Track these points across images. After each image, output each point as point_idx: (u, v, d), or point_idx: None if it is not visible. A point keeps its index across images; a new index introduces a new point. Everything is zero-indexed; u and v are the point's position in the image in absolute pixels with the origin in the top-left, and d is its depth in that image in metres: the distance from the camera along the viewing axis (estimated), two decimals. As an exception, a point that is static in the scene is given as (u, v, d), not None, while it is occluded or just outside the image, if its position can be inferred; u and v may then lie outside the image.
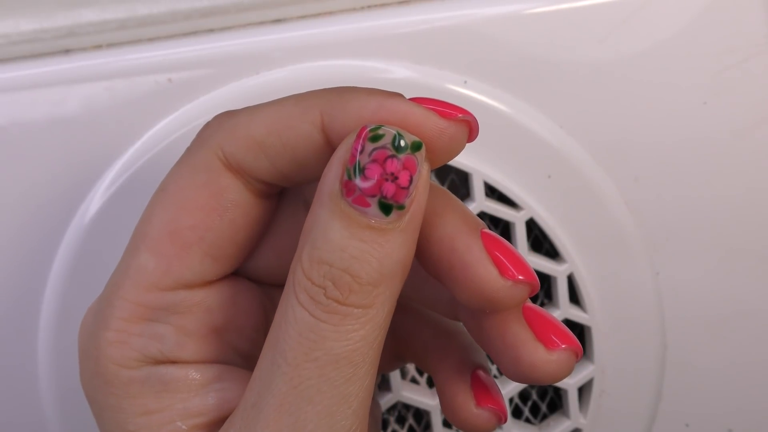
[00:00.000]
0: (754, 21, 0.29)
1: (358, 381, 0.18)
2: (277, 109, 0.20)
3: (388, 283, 0.18)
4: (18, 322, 0.28)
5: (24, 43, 0.27)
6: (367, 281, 0.18)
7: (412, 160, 0.18)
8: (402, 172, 0.18)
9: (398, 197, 0.18)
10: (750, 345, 0.31)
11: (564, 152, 0.29)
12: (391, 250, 0.18)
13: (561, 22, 0.28)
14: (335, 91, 0.19)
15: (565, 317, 0.29)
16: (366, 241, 0.18)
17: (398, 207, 0.18)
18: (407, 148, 0.18)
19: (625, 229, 0.29)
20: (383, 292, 0.18)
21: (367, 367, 0.18)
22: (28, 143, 0.27)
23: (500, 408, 0.21)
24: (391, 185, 0.18)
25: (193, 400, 0.20)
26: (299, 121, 0.19)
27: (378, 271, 0.18)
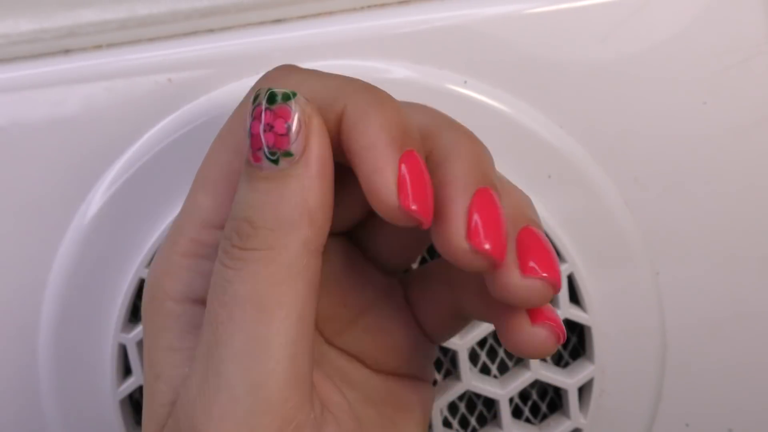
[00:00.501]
0: (754, 21, 0.29)
1: (268, 322, 0.19)
2: (324, 85, 0.21)
3: (288, 227, 0.19)
4: (18, 322, 0.28)
5: (24, 44, 0.27)
6: (263, 225, 0.19)
7: (284, 109, 0.19)
8: (277, 121, 0.19)
9: (279, 144, 0.19)
10: (750, 345, 0.31)
11: (564, 152, 0.29)
12: (286, 195, 0.19)
13: (561, 22, 0.28)
14: (366, 98, 0.20)
15: (565, 317, 0.29)
16: (261, 191, 0.20)
17: (284, 154, 0.19)
18: (276, 99, 0.19)
19: (625, 229, 0.29)
20: (284, 235, 0.19)
21: (279, 308, 0.19)
22: (28, 143, 0.27)
23: (557, 323, 0.21)
24: (270, 134, 0.19)
25: None
26: (328, 107, 0.20)
27: (273, 215, 0.19)
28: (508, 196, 0.21)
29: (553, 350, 0.21)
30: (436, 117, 0.22)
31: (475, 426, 0.31)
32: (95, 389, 0.28)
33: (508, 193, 0.21)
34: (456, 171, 0.20)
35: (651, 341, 0.30)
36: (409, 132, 0.20)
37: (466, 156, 0.20)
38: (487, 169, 0.20)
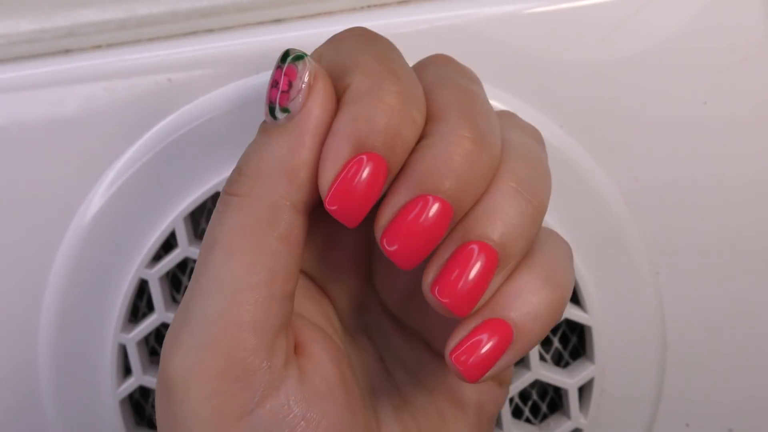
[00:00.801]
0: (754, 20, 0.29)
1: (231, 267, 0.20)
2: (341, 56, 0.21)
3: (265, 177, 0.20)
4: (18, 322, 0.28)
5: (23, 44, 0.27)
6: (246, 173, 0.20)
7: (291, 68, 0.20)
8: (283, 79, 0.20)
9: (281, 101, 0.20)
10: (750, 345, 0.31)
11: (564, 152, 0.29)
12: (271, 147, 0.20)
13: (561, 21, 0.28)
14: (367, 82, 0.20)
15: (566, 317, 0.29)
16: (256, 143, 0.21)
17: (282, 110, 0.20)
18: (287, 58, 0.20)
19: (625, 229, 0.29)
20: (260, 185, 0.20)
21: (241, 254, 0.20)
22: (28, 143, 0.27)
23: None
24: (274, 91, 0.20)
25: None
26: (338, 81, 0.21)
27: (256, 164, 0.20)
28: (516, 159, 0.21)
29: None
30: (438, 72, 0.22)
31: (475, 426, 0.31)
32: (95, 389, 0.28)
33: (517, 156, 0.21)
34: (418, 164, 0.20)
35: (651, 341, 0.30)
36: (383, 132, 0.19)
37: (437, 154, 0.20)
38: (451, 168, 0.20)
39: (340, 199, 0.19)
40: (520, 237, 0.20)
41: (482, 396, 0.25)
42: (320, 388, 0.21)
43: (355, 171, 0.19)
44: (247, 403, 0.20)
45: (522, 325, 0.20)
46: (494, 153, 0.20)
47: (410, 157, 0.20)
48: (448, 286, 0.20)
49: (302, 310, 0.23)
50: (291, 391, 0.20)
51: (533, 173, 0.21)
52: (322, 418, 0.21)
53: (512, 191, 0.20)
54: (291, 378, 0.21)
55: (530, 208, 0.20)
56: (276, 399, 0.20)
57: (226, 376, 0.20)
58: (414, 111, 0.20)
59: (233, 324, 0.20)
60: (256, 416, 0.20)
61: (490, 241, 0.20)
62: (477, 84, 0.22)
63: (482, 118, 0.20)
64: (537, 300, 0.20)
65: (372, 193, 0.19)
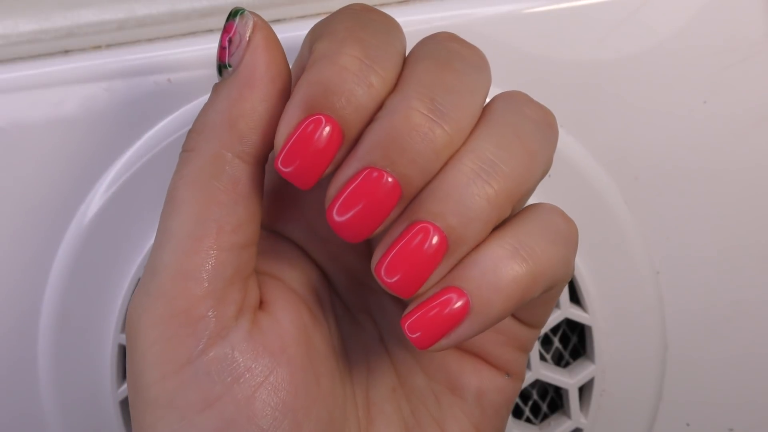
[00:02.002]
0: (753, 20, 0.29)
1: (175, 217, 0.20)
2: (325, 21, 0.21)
3: (208, 131, 0.20)
4: (18, 323, 0.28)
5: (23, 44, 0.27)
6: (194, 129, 0.21)
7: (230, 24, 0.20)
8: (224, 35, 0.20)
9: (220, 56, 0.21)
10: (750, 344, 0.31)
11: (564, 152, 0.29)
12: (214, 102, 0.21)
13: (560, 21, 0.28)
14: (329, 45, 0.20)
15: (566, 317, 0.29)
16: (206, 101, 0.21)
17: (224, 66, 0.21)
18: (228, 17, 0.21)
19: (625, 229, 0.29)
20: (205, 139, 0.20)
21: (183, 204, 0.20)
22: (28, 144, 0.27)
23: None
24: (219, 50, 0.21)
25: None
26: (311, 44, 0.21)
27: (201, 119, 0.21)
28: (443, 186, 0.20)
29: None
30: (429, 46, 0.21)
31: (476, 426, 0.31)
32: (95, 390, 0.28)
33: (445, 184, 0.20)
34: (366, 135, 0.19)
35: (651, 341, 0.30)
36: (335, 93, 0.19)
37: (386, 119, 0.19)
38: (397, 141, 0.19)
39: (291, 160, 0.19)
40: (475, 220, 0.19)
41: (483, 384, 0.24)
42: (273, 344, 0.21)
43: (305, 132, 0.19)
44: (191, 350, 0.20)
45: (479, 296, 0.19)
46: (453, 129, 0.19)
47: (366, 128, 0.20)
48: (394, 266, 0.20)
49: (280, 273, 0.23)
50: (237, 342, 0.20)
51: (503, 153, 0.20)
52: (270, 373, 0.21)
53: (468, 171, 0.19)
54: (240, 329, 0.21)
55: (489, 190, 0.19)
56: (221, 347, 0.20)
57: (171, 323, 0.20)
58: (372, 76, 0.19)
59: (180, 273, 0.20)
60: (199, 362, 0.20)
61: (439, 222, 0.19)
62: (468, 62, 0.21)
63: (447, 91, 0.20)
64: (500, 271, 0.19)
65: (324, 154, 0.19)
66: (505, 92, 0.22)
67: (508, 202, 0.20)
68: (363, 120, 0.19)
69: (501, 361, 0.24)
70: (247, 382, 0.20)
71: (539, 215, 0.21)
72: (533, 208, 0.21)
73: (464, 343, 0.24)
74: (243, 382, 0.20)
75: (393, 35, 0.21)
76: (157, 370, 0.20)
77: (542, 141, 0.21)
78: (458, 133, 0.19)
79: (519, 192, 0.20)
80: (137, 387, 0.20)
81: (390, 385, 0.24)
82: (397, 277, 0.20)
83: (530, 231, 0.20)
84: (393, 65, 0.20)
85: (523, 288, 0.20)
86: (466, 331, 0.20)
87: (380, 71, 0.19)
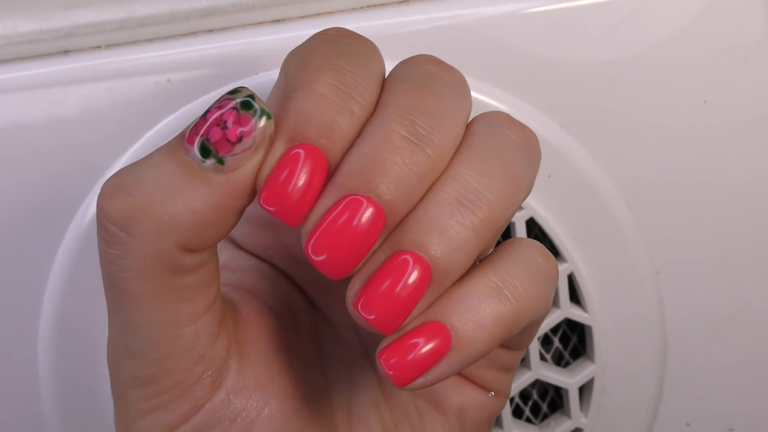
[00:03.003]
0: (753, 19, 0.29)
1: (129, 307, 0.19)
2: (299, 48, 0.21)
3: (168, 226, 0.18)
4: (18, 323, 0.28)
5: (23, 44, 0.27)
6: (145, 209, 0.18)
7: (247, 119, 0.18)
8: (233, 125, 0.18)
9: (220, 147, 0.18)
10: (751, 344, 0.31)
11: (564, 152, 0.29)
12: (186, 193, 0.18)
13: (560, 21, 0.28)
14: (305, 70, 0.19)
15: (566, 316, 0.29)
16: (165, 170, 0.18)
17: (217, 159, 0.18)
18: (251, 109, 0.18)
19: (625, 229, 0.29)
20: (154, 232, 0.18)
21: (136, 297, 0.19)
22: (28, 144, 0.27)
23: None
24: (218, 131, 0.18)
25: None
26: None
27: (160, 204, 0.18)
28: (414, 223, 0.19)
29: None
30: (407, 69, 0.20)
31: (476, 426, 0.31)
32: (95, 390, 0.28)
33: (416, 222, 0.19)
34: (344, 162, 0.18)
35: (651, 340, 0.30)
36: (315, 121, 0.18)
37: (365, 144, 0.18)
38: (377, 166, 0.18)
39: (274, 198, 0.18)
40: (460, 250, 0.18)
41: (465, 401, 0.23)
42: (262, 376, 0.21)
43: (290, 166, 0.18)
44: (187, 412, 0.20)
45: (463, 332, 0.18)
46: (435, 153, 0.18)
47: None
48: (374, 302, 0.18)
49: (257, 292, 0.23)
50: (231, 385, 0.20)
51: (486, 181, 0.19)
52: (264, 406, 0.20)
53: (452, 199, 0.18)
54: (230, 371, 0.20)
55: (474, 219, 0.18)
56: (217, 397, 0.20)
57: (166, 396, 0.20)
58: (352, 103, 0.18)
59: (163, 356, 0.19)
60: (195, 419, 0.20)
61: (423, 253, 0.18)
62: (447, 84, 0.20)
63: (427, 114, 0.19)
64: (484, 308, 0.19)
65: (310, 188, 0.18)
66: (486, 113, 0.21)
67: (492, 231, 0.19)
68: (345, 149, 0.18)
69: (484, 380, 0.24)
70: (243, 420, 0.20)
71: (521, 252, 0.20)
72: (514, 244, 0.20)
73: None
74: (240, 421, 0.20)
75: (370, 59, 0.20)
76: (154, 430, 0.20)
77: (525, 165, 0.20)
78: (440, 157, 0.19)
79: (503, 219, 0.19)
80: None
81: (374, 399, 0.23)
82: (376, 314, 0.18)
83: (513, 269, 0.19)
84: (371, 91, 0.19)
85: (507, 326, 0.19)
86: (445, 369, 0.19)
87: (361, 98, 0.19)
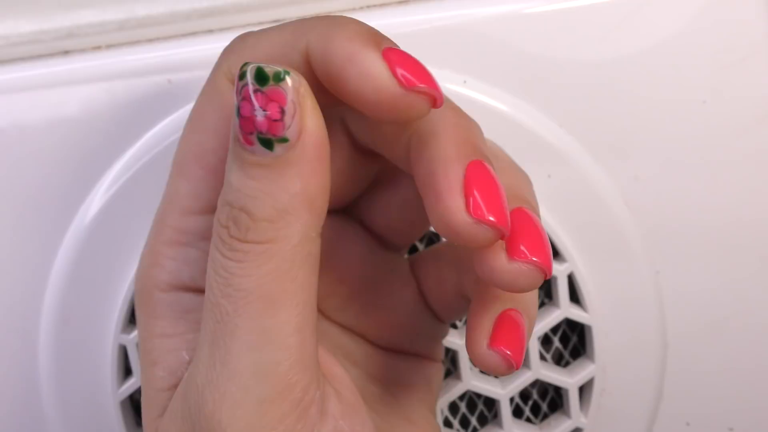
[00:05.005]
0: (753, 19, 0.29)
1: (274, 315, 0.19)
2: (278, 33, 0.20)
3: (288, 217, 0.18)
4: (18, 324, 0.28)
5: (23, 45, 0.27)
6: (262, 217, 0.18)
7: (278, 92, 0.18)
8: (270, 105, 0.18)
9: (273, 130, 0.18)
10: (751, 344, 0.31)
11: (564, 152, 0.29)
12: (284, 184, 0.18)
13: (560, 21, 0.28)
14: (326, 24, 0.19)
15: (566, 316, 0.29)
16: (257, 179, 0.18)
17: (279, 140, 0.18)
18: (269, 80, 0.18)
19: (625, 229, 0.29)
20: (285, 226, 0.19)
21: (284, 300, 0.19)
22: (28, 145, 0.27)
23: (515, 354, 0.20)
24: (263, 119, 0.18)
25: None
26: (291, 48, 0.19)
27: (272, 206, 0.18)
28: (503, 173, 0.20)
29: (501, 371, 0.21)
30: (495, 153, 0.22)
31: (476, 426, 0.31)
32: (95, 390, 0.28)
33: (503, 170, 0.21)
34: (446, 145, 0.19)
35: (651, 340, 0.30)
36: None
37: (455, 130, 0.19)
38: (478, 141, 0.19)
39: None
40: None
41: (426, 374, 0.25)
42: (350, 398, 0.21)
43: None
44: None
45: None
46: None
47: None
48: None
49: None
50: (335, 411, 0.20)
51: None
52: (362, 429, 0.21)
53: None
54: (331, 396, 0.20)
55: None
56: (327, 423, 0.20)
57: (288, 420, 0.19)
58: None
59: (288, 369, 0.19)
60: None
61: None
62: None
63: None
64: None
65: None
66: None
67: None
68: None
69: (432, 351, 0.26)
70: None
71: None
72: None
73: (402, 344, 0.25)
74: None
75: None
76: None
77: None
78: None
79: None
80: None
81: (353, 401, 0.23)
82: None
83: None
84: None
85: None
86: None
87: None
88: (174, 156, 0.22)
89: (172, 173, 0.21)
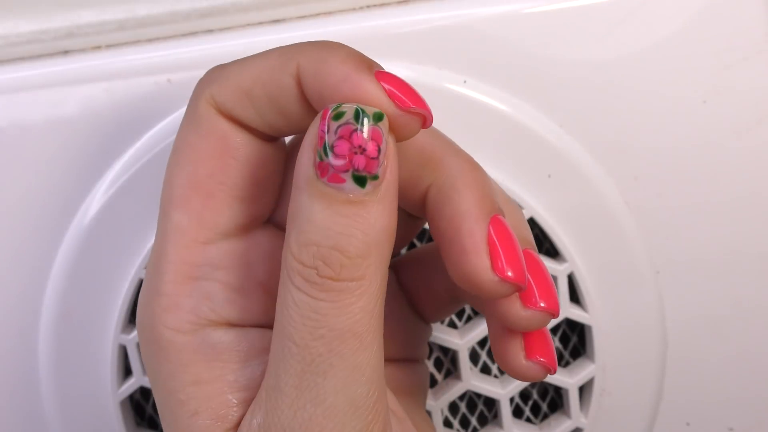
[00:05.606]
0: (754, 19, 0.29)
1: (365, 350, 0.19)
2: (263, 59, 0.20)
3: (376, 252, 0.19)
4: (18, 323, 0.28)
5: (23, 45, 0.27)
6: (356, 254, 0.19)
7: (376, 131, 0.19)
8: (369, 144, 0.18)
9: (370, 168, 0.19)
10: (750, 344, 0.31)
11: (564, 152, 0.29)
12: (374, 220, 0.19)
13: (560, 20, 0.28)
14: (316, 48, 0.20)
15: (566, 316, 0.29)
16: (348, 216, 0.19)
17: (372, 177, 0.19)
18: (370, 120, 0.19)
19: (625, 229, 0.29)
20: (374, 262, 0.19)
21: (372, 335, 0.19)
22: (28, 145, 0.27)
23: (550, 360, 0.22)
24: (361, 157, 0.18)
25: (242, 371, 0.21)
26: (280, 72, 0.20)
27: (364, 242, 0.19)
28: (508, 215, 0.21)
29: (541, 378, 0.22)
30: (438, 139, 0.22)
31: (476, 426, 0.31)
32: (95, 390, 0.28)
33: (507, 212, 0.22)
34: (469, 202, 0.20)
35: (651, 340, 0.30)
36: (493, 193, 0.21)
37: (475, 185, 0.20)
38: (493, 194, 0.21)
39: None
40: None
41: (419, 377, 0.26)
42: (399, 413, 0.22)
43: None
44: None
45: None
46: None
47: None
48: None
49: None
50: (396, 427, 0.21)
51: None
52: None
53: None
54: (391, 417, 0.21)
55: None
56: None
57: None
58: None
59: (374, 401, 0.20)
60: None
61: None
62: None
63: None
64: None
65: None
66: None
67: None
68: None
69: (420, 352, 0.26)
70: None
71: None
72: None
73: (396, 353, 0.25)
74: None
75: None
76: None
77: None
78: None
79: None
80: None
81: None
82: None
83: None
84: None
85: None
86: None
87: None
88: (163, 192, 0.21)
89: (165, 210, 0.21)
